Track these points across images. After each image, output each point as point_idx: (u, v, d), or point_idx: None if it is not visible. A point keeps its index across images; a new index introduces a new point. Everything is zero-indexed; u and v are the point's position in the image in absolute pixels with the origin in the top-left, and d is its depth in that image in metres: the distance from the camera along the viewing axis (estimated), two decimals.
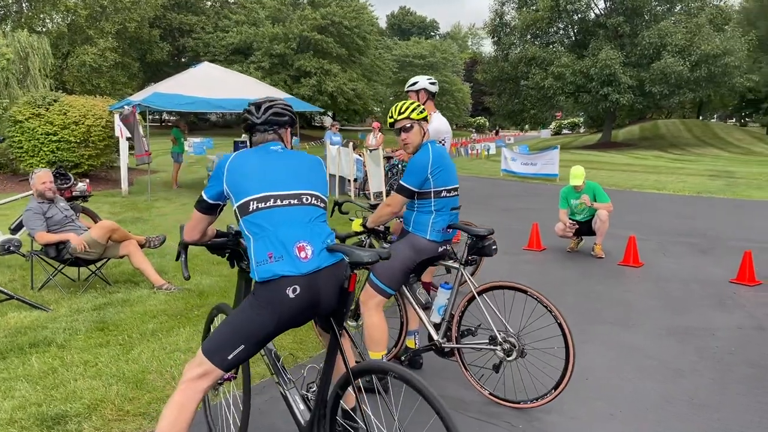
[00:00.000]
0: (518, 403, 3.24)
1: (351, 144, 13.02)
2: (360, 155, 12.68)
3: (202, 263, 6.64)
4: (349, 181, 13.23)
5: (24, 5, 38.57)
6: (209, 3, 56.70)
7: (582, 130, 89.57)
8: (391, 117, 3.46)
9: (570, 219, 7.35)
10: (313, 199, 2.39)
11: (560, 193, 7.43)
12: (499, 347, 3.20)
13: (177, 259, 2.64)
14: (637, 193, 14.69)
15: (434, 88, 4.60)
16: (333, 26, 47.29)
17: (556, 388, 3.10)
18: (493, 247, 3.37)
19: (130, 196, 12.65)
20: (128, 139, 12.62)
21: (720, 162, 25.60)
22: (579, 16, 35.81)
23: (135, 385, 3.54)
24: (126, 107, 11.87)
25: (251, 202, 2.30)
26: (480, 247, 3.35)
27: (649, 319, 4.92)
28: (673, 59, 30.35)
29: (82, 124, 13.99)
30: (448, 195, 3.41)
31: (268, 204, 2.29)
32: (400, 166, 10.47)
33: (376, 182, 10.50)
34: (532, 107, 37.93)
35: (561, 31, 35.49)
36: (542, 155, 18.89)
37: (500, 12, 38.03)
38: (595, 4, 36.19)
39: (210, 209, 2.45)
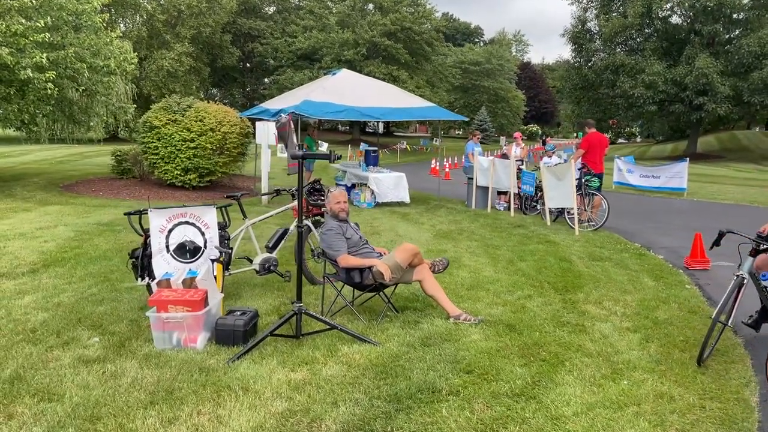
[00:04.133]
0: None
1: (501, 153, 12.48)
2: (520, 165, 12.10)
3: (456, 287, 6.13)
4: (500, 194, 12.67)
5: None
6: (273, 8, 57.05)
7: (638, 139, 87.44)
8: None
9: None
10: None
11: None
12: None
13: None
14: None
15: None
16: (402, 32, 46.96)
17: None
18: None
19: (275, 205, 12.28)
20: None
21: None
22: (671, 22, 34.63)
23: None
24: (282, 115, 11.51)
25: None
26: None
27: None
28: None
29: (218, 131, 13.76)
30: None
31: None
32: (583, 180, 9.89)
33: (559, 197, 9.89)
34: (614, 115, 36.84)
35: (649, 39, 34.28)
36: (668, 168, 17.99)
37: (582, 18, 37.08)
38: (680, 11, 34.93)
39: None
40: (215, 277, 4.84)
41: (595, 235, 9.45)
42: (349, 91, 12.79)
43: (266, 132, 13.05)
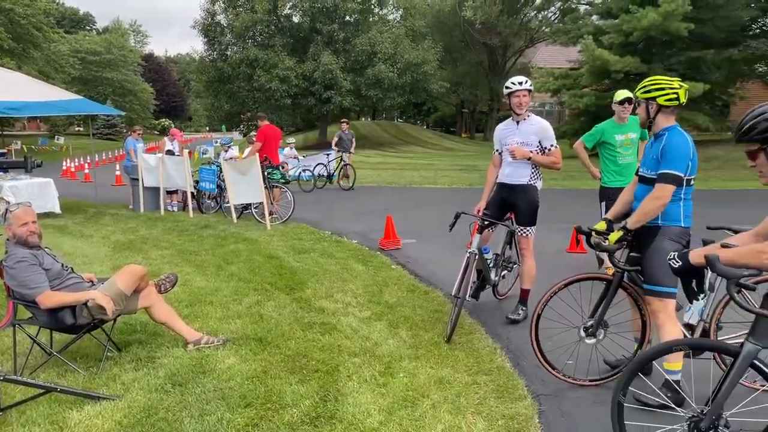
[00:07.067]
0: None
1: (186, 151, 11.41)
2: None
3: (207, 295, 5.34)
4: (171, 194, 11.66)
5: None
6: None
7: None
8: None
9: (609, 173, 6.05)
10: None
11: (594, 129, 6.14)
12: None
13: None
14: (432, 189, 16.10)
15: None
16: (2, 14, 39.69)
17: None
18: None
19: None
20: None
21: (438, 158, 29.48)
22: (294, 21, 36.98)
23: None
24: None
25: None
26: None
27: None
28: (384, 66, 33.60)
29: None
30: (693, 183, 3.41)
31: None
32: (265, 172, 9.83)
33: (246, 193, 9.53)
34: (252, 108, 37.72)
35: (278, 35, 35.95)
36: (317, 158, 18.95)
37: (212, 11, 36.81)
38: (300, 10, 37.43)
39: None
40: None
41: (286, 227, 9.43)
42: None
43: None
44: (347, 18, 37.22)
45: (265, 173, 9.73)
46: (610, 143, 5.93)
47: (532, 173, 4.90)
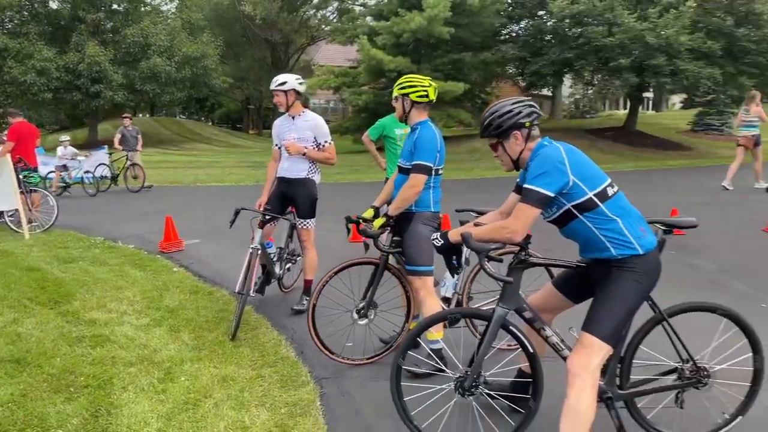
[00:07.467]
0: None
1: None
2: None
3: None
4: None
5: None
6: None
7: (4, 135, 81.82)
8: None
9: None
10: None
11: (378, 123, 6.39)
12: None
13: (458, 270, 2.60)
14: (219, 187, 15.67)
15: (303, 88, 4.89)
16: None
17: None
18: None
19: None
20: None
21: (225, 155, 28.76)
22: (52, 7, 33.02)
23: None
24: None
25: (607, 188, 2.56)
26: None
27: None
28: (160, 59, 31.67)
29: None
30: (441, 172, 3.82)
31: (615, 188, 2.61)
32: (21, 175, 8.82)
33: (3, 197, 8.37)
34: (4, 104, 32.98)
35: (32, 22, 31.81)
36: (99, 156, 17.07)
37: None
38: None
39: (545, 203, 2.53)
40: None
41: (49, 236, 8.49)
42: None
43: None
44: (115, 6, 34.36)
45: (21, 176, 8.66)
46: (392, 137, 6.30)
47: (310, 167, 5.06)
